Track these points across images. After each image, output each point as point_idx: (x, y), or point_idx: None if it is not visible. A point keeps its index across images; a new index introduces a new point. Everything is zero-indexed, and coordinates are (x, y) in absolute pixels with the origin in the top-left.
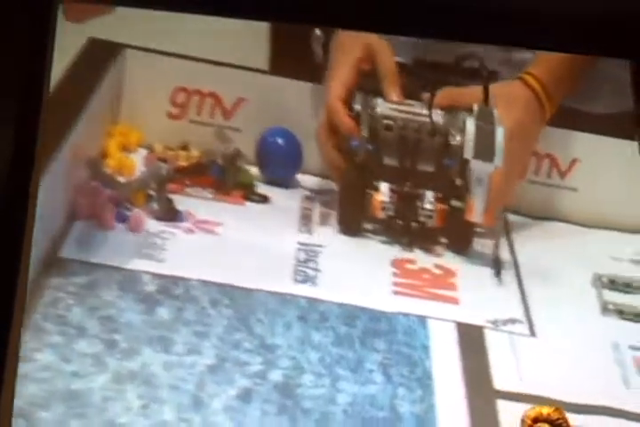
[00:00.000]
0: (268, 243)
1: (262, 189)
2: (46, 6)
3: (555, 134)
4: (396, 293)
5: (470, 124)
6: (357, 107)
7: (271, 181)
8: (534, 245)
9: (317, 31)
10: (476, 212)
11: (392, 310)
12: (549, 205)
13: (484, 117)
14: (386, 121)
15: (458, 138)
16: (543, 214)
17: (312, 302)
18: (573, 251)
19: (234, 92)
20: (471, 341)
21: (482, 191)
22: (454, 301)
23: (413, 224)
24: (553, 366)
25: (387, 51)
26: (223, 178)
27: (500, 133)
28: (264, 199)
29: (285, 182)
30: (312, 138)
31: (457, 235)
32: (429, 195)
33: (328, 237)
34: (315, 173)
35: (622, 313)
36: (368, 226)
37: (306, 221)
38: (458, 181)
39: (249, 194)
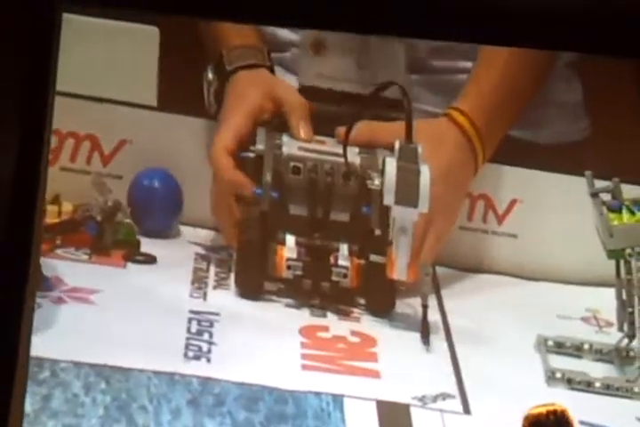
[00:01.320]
0: (154, 313)
1: (148, 246)
2: (48, 5)
3: (490, 170)
4: (305, 367)
5: (391, 165)
6: (260, 147)
7: (149, 233)
8: (468, 304)
9: (210, 75)
10: (398, 267)
11: (301, 388)
12: (484, 254)
13: (406, 156)
14: (293, 163)
15: (377, 181)
16: (478, 266)
17: (205, 382)
18: (513, 309)
19: (115, 133)
20: (396, 422)
21: (405, 242)
22: (375, 374)
23: (324, 284)
24: None
25: (289, 88)
26: (101, 235)
27: (425, 174)
28: (150, 259)
29: (164, 233)
30: (207, 183)
31: (377, 295)
32: (344, 249)
33: (225, 302)
34: (210, 227)
35: (571, 382)
36: (271, 287)
37: (199, 284)
38: (377, 232)
39: (132, 254)
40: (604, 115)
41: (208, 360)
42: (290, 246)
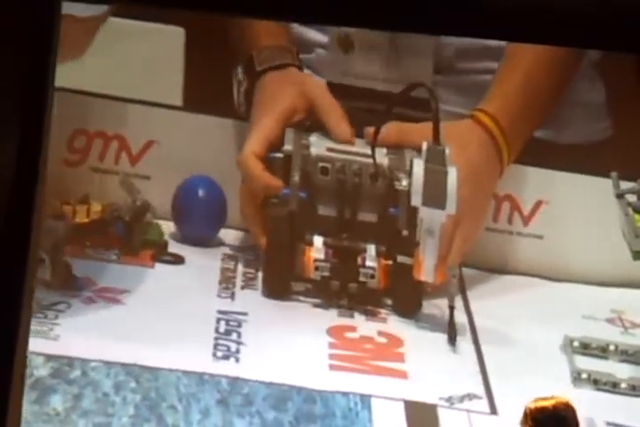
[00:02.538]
0: (183, 312)
1: (175, 247)
2: (48, 5)
3: (515, 171)
4: (333, 367)
5: (418, 166)
6: (288, 147)
7: (189, 240)
8: (494, 305)
9: (239, 75)
10: (426, 269)
11: (329, 388)
12: (510, 256)
13: (433, 158)
14: (321, 163)
15: (404, 182)
16: (504, 267)
17: (234, 382)
18: (539, 310)
19: (142, 133)
20: (423, 422)
21: (433, 244)
22: (402, 375)
23: (352, 285)
24: None
25: (321, 86)
26: (129, 236)
27: (452, 176)
28: (178, 260)
29: (206, 241)
30: (236, 185)
31: (404, 296)
32: (371, 249)
33: (253, 302)
34: (238, 227)
35: (597, 383)
36: (298, 287)
37: (227, 284)
38: (404, 233)
39: (159, 254)
40: (626, 115)
41: (237, 360)
42: (317, 247)
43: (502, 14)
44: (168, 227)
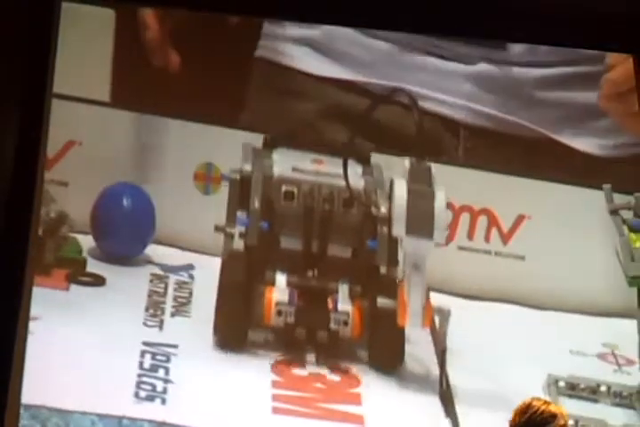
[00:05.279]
0: (101, 344)
1: (95, 266)
2: (47, 8)
3: (494, 181)
4: (277, 410)
5: (400, 188)
6: (247, 167)
7: (111, 258)
8: (467, 337)
9: None
10: (412, 312)
11: None
12: (487, 279)
13: (418, 177)
14: (285, 187)
15: (384, 208)
16: (479, 293)
17: None
18: (520, 343)
19: (62, 132)
20: None
21: (419, 282)
22: (358, 420)
23: (321, 334)
24: None
25: None
26: (41, 252)
27: (440, 198)
28: (97, 281)
29: (131, 259)
30: (166, 194)
31: (384, 347)
32: (344, 290)
33: (185, 332)
34: (168, 243)
35: None
36: (257, 337)
37: (155, 310)
38: (383, 270)
39: (76, 274)
40: None
41: (163, 402)
42: (280, 288)
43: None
44: (87, 242)
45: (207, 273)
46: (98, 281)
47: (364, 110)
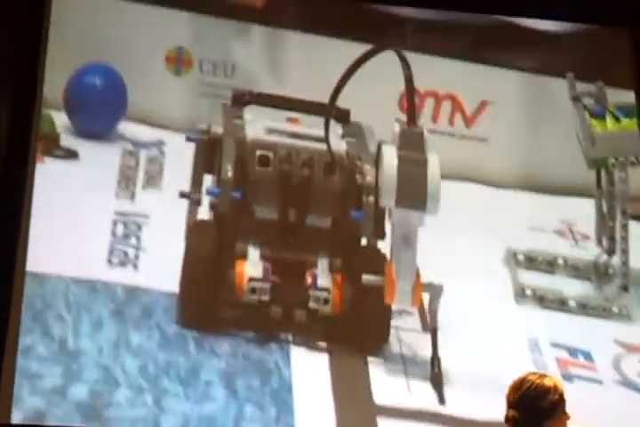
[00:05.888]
0: (74, 213)
1: (68, 140)
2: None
3: (458, 68)
4: None
5: (390, 154)
6: (215, 128)
7: (84, 133)
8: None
9: None
10: (401, 291)
11: None
12: (451, 160)
13: (409, 143)
14: (260, 151)
15: (369, 175)
16: (443, 172)
17: (132, 291)
18: (482, 219)
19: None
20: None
21: (409, 257)
22: None
23: (299, 312)
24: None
25: None
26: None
27: (433, 165)
28: (70, 154)
29: (103, 135)
30: (138, 75)
31: (368, 327)
32: (323, 264)
33: (155, 203)
34: (140, 119)
35: (543, 300)
36: (227, 315)
37: (127, 182)
38: (366, 242)
39: (50, 148)
40: None
41: (135, 267)
42: (253, 261)
43: None
44: (61, 118)
45: (177, 150)
46: (71, 155)
47: (350, 65)
